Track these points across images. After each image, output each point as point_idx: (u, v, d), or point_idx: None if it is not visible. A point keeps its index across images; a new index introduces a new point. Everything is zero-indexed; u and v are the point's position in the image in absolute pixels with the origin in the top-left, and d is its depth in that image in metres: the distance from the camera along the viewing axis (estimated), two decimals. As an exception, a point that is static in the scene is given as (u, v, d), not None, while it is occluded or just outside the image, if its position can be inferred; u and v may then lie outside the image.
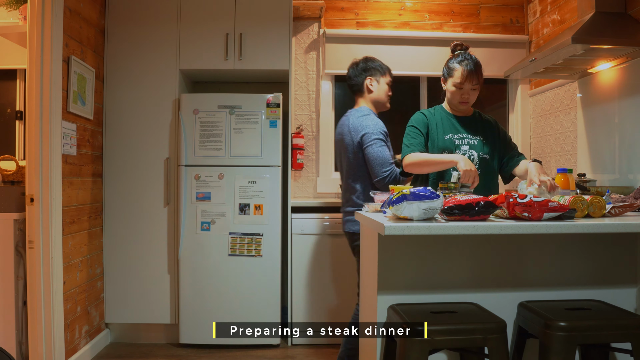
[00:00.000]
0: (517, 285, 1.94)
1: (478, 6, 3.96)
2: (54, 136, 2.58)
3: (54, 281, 2.57)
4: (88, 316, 3.03)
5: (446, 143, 2.35)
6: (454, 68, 2.33)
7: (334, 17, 3.89)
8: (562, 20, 3.44)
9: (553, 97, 3.56)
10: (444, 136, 2.36)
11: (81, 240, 2.95)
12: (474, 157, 2.36)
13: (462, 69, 2.30)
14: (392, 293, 1.88)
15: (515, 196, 1.74)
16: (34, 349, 2.53)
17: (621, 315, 1.71)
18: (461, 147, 2.36)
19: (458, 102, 2.37)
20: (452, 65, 2.35)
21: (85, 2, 2.98)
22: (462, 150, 2.35)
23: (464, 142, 2.37)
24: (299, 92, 3.88)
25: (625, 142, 2.78)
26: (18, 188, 2.67)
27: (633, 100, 2.72)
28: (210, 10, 3.30)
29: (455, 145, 2.35)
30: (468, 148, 2.36)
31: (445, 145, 2.35)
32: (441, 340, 1.59)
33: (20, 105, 3.44)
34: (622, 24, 2.64)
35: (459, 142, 2.36)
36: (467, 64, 2.31)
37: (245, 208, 3.20)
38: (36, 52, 2.51)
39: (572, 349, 1.61)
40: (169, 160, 3.26)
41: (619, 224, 1.72)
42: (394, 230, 1.65)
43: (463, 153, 2.34)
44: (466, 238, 1.92)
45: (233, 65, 3.31)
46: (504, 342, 1.61)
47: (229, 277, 3.20)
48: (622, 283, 1.97)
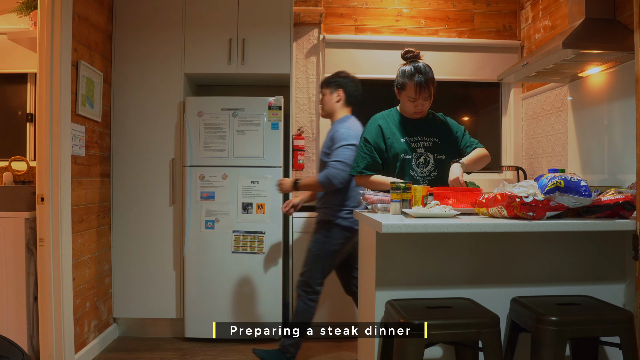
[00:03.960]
0: (510, 281, 1.95)
1: (472, 12, 3.97)
2: (64, 138, 2.58)
3: (64, 277, 2.58)
4: (97, 311, 3.03)
5: (403, 145, 2.31)
6: (405, 83, 2.26)
7: (333, 23, 3.90)
8: (553, 26, 3.45)
9: (544, 100, 3.56)
10: (400, 139, 2.33)
11: (90, 238, 2.95)
12: (430, 159, 2.33)
13: (414, 85, 2.24)
14: (389, 289, 1.88)
15: (522, 197, 1.73)
16: (44, 343, 2.53)
17: (610, 310, 1.72)
18: (417, 150, 2.32)
19: (413, 112, 2.34)
20: (402, 81, 2.27)
21: (93, 8, 2.98)
22: (417, 152, 2.32)
23: (419, 145, 2.33)
24: (299, 95, 3.88)
25: (614, 143, 2.78)
26: (29, 188, 2.67)
27: (622, 103, 2.72)
28: (214, 16, 3.30)
29: (411, 148, 2.32)
30: (424, 151, 2.33)
31: (402, 148, 2.31)
32: (437, 334, 1.59)
33: (30, 108, 3.44)
34: (611, 29, 2.64)
35: (414, 144, 2.33)
36: (418, 78, 2.23)
37: (248, 207, 3.21)
38: (46, 56, 2.51)
39: (563, 343, 1.62)
40: (175, 160, 3.26)
41: (609, 222, 1.73)
42: (391, 229, 1.65)
43: (418, 156, 2.31)
44: (461, 236, 1.92)
45: (236, 69, 3.31)
46: (497, 336, 1.62)
47: (232, 273, 3.20)
48: (611, 279, 1.98)
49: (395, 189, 1.95)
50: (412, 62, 2.29)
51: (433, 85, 2.28)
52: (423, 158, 2.32)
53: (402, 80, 2.28)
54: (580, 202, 1.74)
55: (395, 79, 2.33)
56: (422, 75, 2.24)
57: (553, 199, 1.72)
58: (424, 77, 2.24)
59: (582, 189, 1.73)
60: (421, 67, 2.26)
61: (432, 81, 2.27)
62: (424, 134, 2.36)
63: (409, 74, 2.26)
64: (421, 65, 2.27)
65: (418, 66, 2.26)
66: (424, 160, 2.32)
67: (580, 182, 1.75)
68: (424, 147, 2.34)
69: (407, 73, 2.26)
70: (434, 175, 2.33)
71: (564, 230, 1.71)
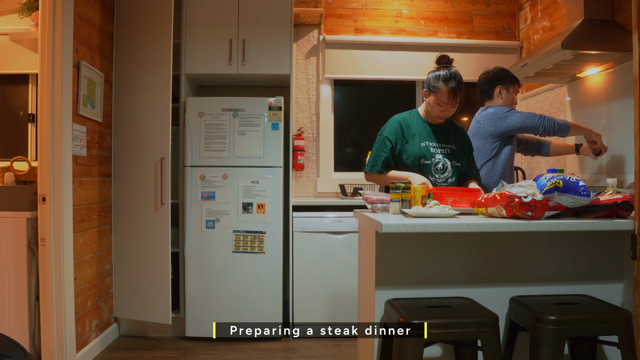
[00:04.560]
0: (509, 280, 1.95)
1: (471, 13, 3.97)
2: (65, 138, 2.58)
3: (65, 277, 2.58)
4: (98, 310, 3.04)
5: (422, 150, 2.31)
6: (439, 87, 2.25)
7: (333, 24, 3.90)
8: (552, 27, 3.45)
9: (543, 101, 3.56)
10: (420, 143, 2.32)
11: (91, 237, 2.95)
12: (448, 165, 2.33)
13: (448, 90, 2.24)
14: (389, 288, 1.88)
15: (521, 197, 1.73)
16: (46, 342, 2.53)
17: (608, 310, 1.72)
18: (435, 156, 2.32)
19: (437, 116, 2.33)
20: (436, 84, 2.26)
21: (94, 10, 2.98)
22: (436, 158, 2.31)
23: (438, 151, 2.33)
24: (299, 96, 3.88)
25: (613, 143, 2.78)
26: (30, 188, 2.67)
27: (620, 104, 2.72)
28: (215, 17, 3.30)
29: (431, 153, 2.32)
30: (442, 157, 2.33)
31: (421, 153, 2.31)
32: (436, 333, 1.59)
33: (32, 109, 3.44)
34: (610, 30, 2.64)
35: (434, 150, 2.33)
36: (453, 84, 2.24)
37: (249, 207, 3.21)
38: (47, 57, 2.51)
39: (562, 342, 1.62)
40: (164, 160, 3.23)
41: (607, 222, 1.73)
42: (391, 228, 1.65)
43: (437, 162, 2.31)
44: (460, 236, 1.92)
45: (236, 70, 3.31)
46: (496, 335, 1.62)
47: (233, 272, 3.20)
48: (610, 279, 1.98)
49: (394, 189, 1.95)
50: (445, 67, 2.28)
51: (464, 92, 2.29)
52: (441, 164, 2.32)
53: (436, 84, 2.26)
54: (578, 202, 1.74)
55: (426, 82, 2.32)
56: (456, 82, 2.25)
57: (552, 198, 1.73)
58: (458, 84, 2.25)
59: (580, 189, 1.73)
60: (456, 73, 2.27)
61: (464, 89, 2.28)
62: (443, 141, 2.36)
63: (444, 78, 2.25)
64: (456, 71, 2.27)
65: (453, 72, 2.26)
66: (442, 166, 2.31)
67: (578, 182, 1.75)
68: (443, 153, 2.34)
69: (442, 77, 2.25)
70: (450, 181, 2.33)
71: (563, 230, 1.71)
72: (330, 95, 3.92)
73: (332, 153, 3.92)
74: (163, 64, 3.17)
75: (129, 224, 3.23)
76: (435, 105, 2.30)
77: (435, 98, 2.28)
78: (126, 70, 3.24)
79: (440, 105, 2.28)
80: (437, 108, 2.30)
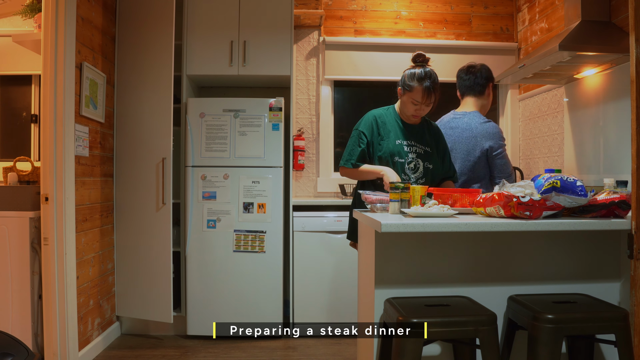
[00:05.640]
0: (507, 279, 1.95)
1: (470, 15, 3.97)
2: (67, 138, 2.58)
3: (68, 276, 2.58)
4: (100, 309, 3.04)
5: (397, 147, 2.30)
6: (413, 86, 2.23)
7: (333, 26, 3.90)
8: (549, 29, 3.45)
9: (541, 102, 3.56)
10: (395, 141, 2.31)
11: (93, 237, 2.95)
12: (419, 166, 2.32)
13: (422, 89, 2.22)
14: (388, 287, 1.88)
15: (519, 196, 1.73)
16: (48, 340, 2.53)
17: (606, 308, 1.72)
18: (408, 155, 2.31)
19: (411, 115, 2.32)
20: (411, 83, 2.23)
21: (96, 11, 2.98)
22: (409, 157, 2.31)
23: (411, 150, 2.32)
24: (300, 97, 3.88)
25: (610, 144, 2.78)
26: (33, 188, 2.67)
27: (617, 105, 2.72)
28: (216, 19, 3.30)
29: (404, 151, 2.31)
30: (415, 157, 2.32)
31: (395, 150, 2.30)
32: (435, 332, 1.59)
33: (35, 109, 3.44)
34: (607, 32, 2.64)
35: (407, 149, 2.31)
36: (427, 83, 2.21)
37: (249, 207, 3.21)
38: (50, 58, 2.51)
39: (559, 340, 1.62)
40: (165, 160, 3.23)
41: (604, 221, 1.73)
42: (390, 228, 1.65)
43: (410, 161, 2.30)
44: (459, 235, 1.92)
45: (237, 71, 3.31)
46: (494, 334, 1.62)
47: (233, 271, 3.20)
48: (607, 277, 1.98)
49: (394, 189, 1.95)
50: (421, 66, 2.26)
51: (439, 92, 2.26)
52: (414, 164, 2.31)
53: (411, 83, 2.24)
54: (576, 201, 1.74)
55: (401, 80, 2.29)
56: (431, 81, 2.22)
57: (549, 198, 1.73)
58: (433, 83, 2.22)
59: (578, 188, 1.73)
60: (431, 73, 2.24)
61: (438, 89, 2.26)
62: (418, 141, 2.35)
63: (418, 77, 2.22)
64: (431, 71, 2.25)
65: (429, 71, 2.24)
66: (414, 166, 2.31)
67: (576, 182, 1.75)
68: (416, 152, 2.33)
69: (417, 76, 2.23)
70: (421, 182, 2.30)
71: (561, 229, 1.71)
72: (330, 96, 3.92)
73: (332, 153, 3.92)
74: (165, 65, 3.15)
75: (130, 223, 3.23)
76: (409, 104, 2.28)
77: (410, 97, 2.26)
78: (128, 71, 3.24)
79: (415, 104, 2.26)
80: (411, 107, 2.28)
